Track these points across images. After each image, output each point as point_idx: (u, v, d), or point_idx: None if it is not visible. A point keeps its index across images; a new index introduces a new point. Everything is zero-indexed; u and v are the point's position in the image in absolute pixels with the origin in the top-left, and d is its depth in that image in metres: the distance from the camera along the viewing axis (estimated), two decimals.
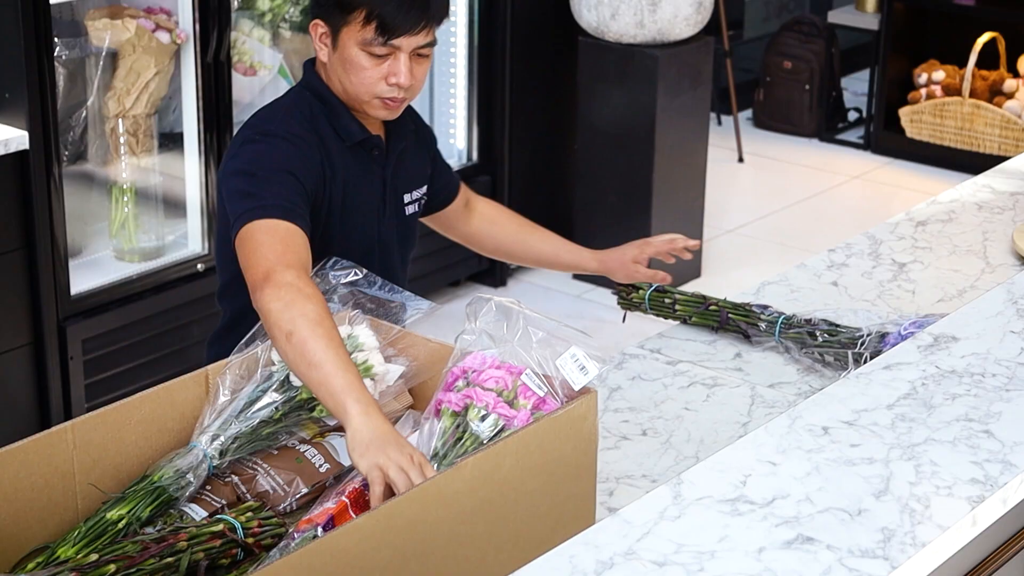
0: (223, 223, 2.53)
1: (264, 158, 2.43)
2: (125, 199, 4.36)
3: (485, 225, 2.91)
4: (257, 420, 2.09)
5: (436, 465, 2.03)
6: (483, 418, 2.04)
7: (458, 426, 2.05)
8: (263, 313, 2.18)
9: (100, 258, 4.34)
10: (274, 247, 2.28)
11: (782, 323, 2.74)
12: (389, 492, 1.95)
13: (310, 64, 2.59)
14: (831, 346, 2.66)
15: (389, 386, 2.20)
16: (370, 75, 2.45)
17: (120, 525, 1.95)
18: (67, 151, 4.21)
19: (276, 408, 2.10)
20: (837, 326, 2.69)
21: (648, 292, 2.87)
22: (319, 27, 2.49)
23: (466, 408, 2.05)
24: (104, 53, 4.22)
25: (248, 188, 2.39)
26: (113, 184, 4.37)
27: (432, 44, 2.47)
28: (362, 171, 2.56)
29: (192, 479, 2.03)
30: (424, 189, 2.73)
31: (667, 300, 2.86)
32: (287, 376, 2.13)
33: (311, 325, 2.10)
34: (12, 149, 3.84)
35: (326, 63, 2.51)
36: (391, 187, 2.62)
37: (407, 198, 2.67)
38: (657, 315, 2.90)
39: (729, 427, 2.52)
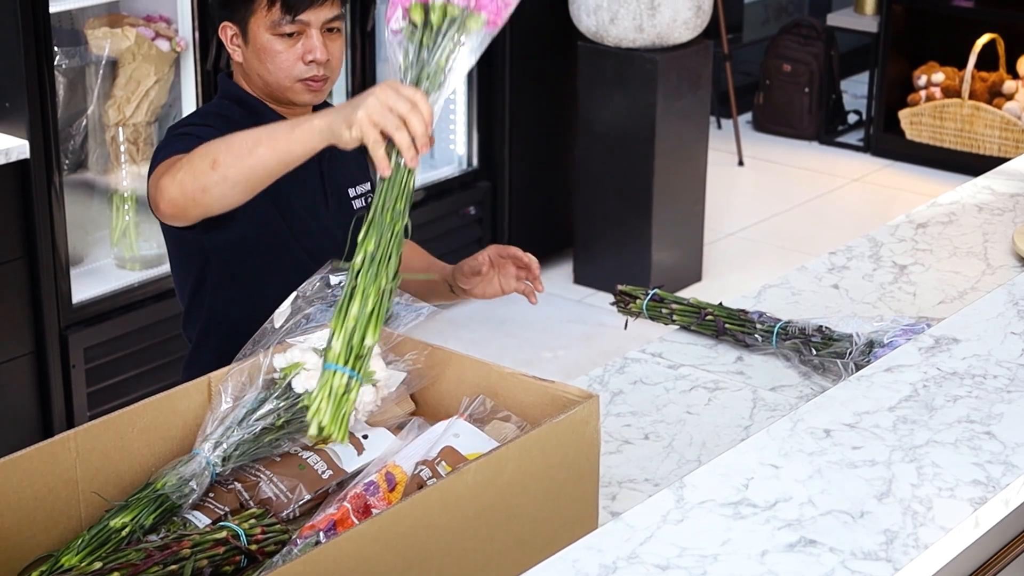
0: (171, 251, 2.57)
1: (183, 131, 2.45)
2: (126, 207, 4.36)
3: None
4: (259, 427, 2.09)
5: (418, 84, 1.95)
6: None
7: (427, 26, 1.97)
8: (178, 197, 2.20)
9: (101, 266, 4.35)
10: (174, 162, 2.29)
11: (778, 332, 2.74)
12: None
13: (225, 77, 2.60)
14: (824, 357, 2.66)
15: (391, 392, 2.20)
16: (286, 58, 2.47)
17: (124, 533, 1.95)
18: (68, 160, 4.22)
19: (278, 415, 2.10)
20: (832, 335, 2.69)
21: (646, 301, 2.87)
22: (228, 29, 2.51)
23: None
24: (104, 62, 4.23)
25: (170, 146, 2.40)
26: (114, 192, 4.38)
27: (340, 17, 2.49)
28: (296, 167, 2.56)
29: (195, 486, 2.03)
30: (368, 185, 2.71)
31: (664, 310, 2.86)
32: (289, 383, 2.13)
33: (220, 141, 2.14)
34: (13, 158, 3.85)
35: (242, 63, 2.52)
36: (330, 180, 2.61)
37: (352, 192, 2.66)
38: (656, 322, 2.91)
39: (731, 430, 2.52)
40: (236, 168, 2.13)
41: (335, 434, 1.90)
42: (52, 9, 3.89)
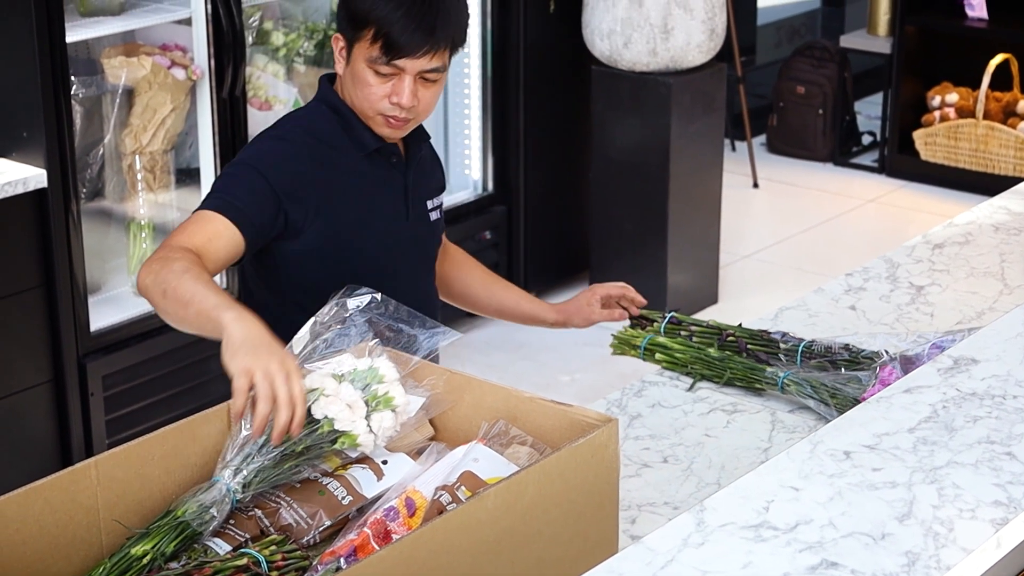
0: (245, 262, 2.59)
1: (248, 155, 2.54)
2: (143, 235, 4.37)
3: (455, 269, 2.92)
4: (279, 454, 2.09)
5: None
6: None
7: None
8: (143, 293, 2.34)
9: (119, 294, 4.36)
10: (182, 232, 2.41)
11: (803, 351, 2.73)
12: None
13: (326, 79, 2.65)
14: (853, 370, 2.65)
15: (410, 417, 2.20)
16: (374, 92, 2.51)
17: (145, 561, 1.95)
18: (85, 188, 4.23)
19: (298, 441, 2.11)
20: (858, 353, 2.69)
21: (663, 324, 2.87)
22: (339, 41, 2.56)
23: None
24: (120, 90, 4.25)
25: (219, 183, 2.51)
26: (131, 220, 4.39)
27: (440, 70, 2.51)
28: (382, 178, 2.61)
29: (216, 513, 2.03)
30: (442, 196, 2.79)
31: (683, 332, 2.85)
32: (308, 409, 2.13)
33: (178, 275, 2.26)
34: (31, 187, 3.86)
35: (341, 76, 2.58)
36: (413, 193, 2.67)
37: (430, 204, 2.73)
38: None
39: (750, 453, 2.52)
40: (174, 310, 2.27)
41: None
42: (69, 39, 3.91)
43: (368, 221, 2.59)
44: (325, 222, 2.53)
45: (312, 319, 2.28)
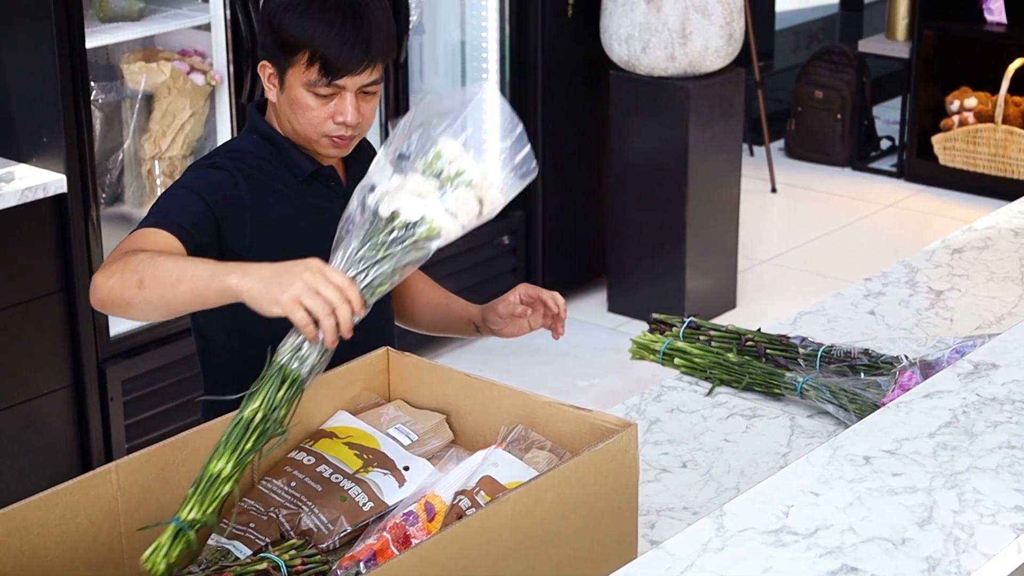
0: None
1: (185, 180, 2.49)
2: None
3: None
4: (360, 268, 2.05)
5: None
6: None
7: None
8: (106, 300, 2.22)
9: None
10: (131, 245, 2.32)
11: (822, 356, 2.73)
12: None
13: (255, 108, 2.60)
14: (872, 375, 2.65)
15: (496, 201, 2.12)
16: (317, 115, 2.47)
17: (258, 419, 1.97)
18: (104, 193, 4.25)
19: (374, 245, 2.06)
20: (877, 357, 2.68)
21: (682, 328, 2.87)
22: (267, 68, 2.50)
23: None
24: (140, 96, 4.26)
25: (157, 206, 2.44)
26: None
27: (378, 82, 2.48)
28: (321, 203, 2.56)
29: (308, 348, 2.02)
30: None
31: (702, 337, 2.85)
32: (376, 210, 2.08)
33: (150, 261, 2.18)
34: (50, 192, 3.88)
35: (275, 103, 2.53)
36: None
37: None
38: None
39: (769, 458, 2.52)
40: (158, 295, 2.17)
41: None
42: (88, 45, 3.92)
43: (309, 245, 2.46)
44: (262, 249, 2.46)
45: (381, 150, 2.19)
